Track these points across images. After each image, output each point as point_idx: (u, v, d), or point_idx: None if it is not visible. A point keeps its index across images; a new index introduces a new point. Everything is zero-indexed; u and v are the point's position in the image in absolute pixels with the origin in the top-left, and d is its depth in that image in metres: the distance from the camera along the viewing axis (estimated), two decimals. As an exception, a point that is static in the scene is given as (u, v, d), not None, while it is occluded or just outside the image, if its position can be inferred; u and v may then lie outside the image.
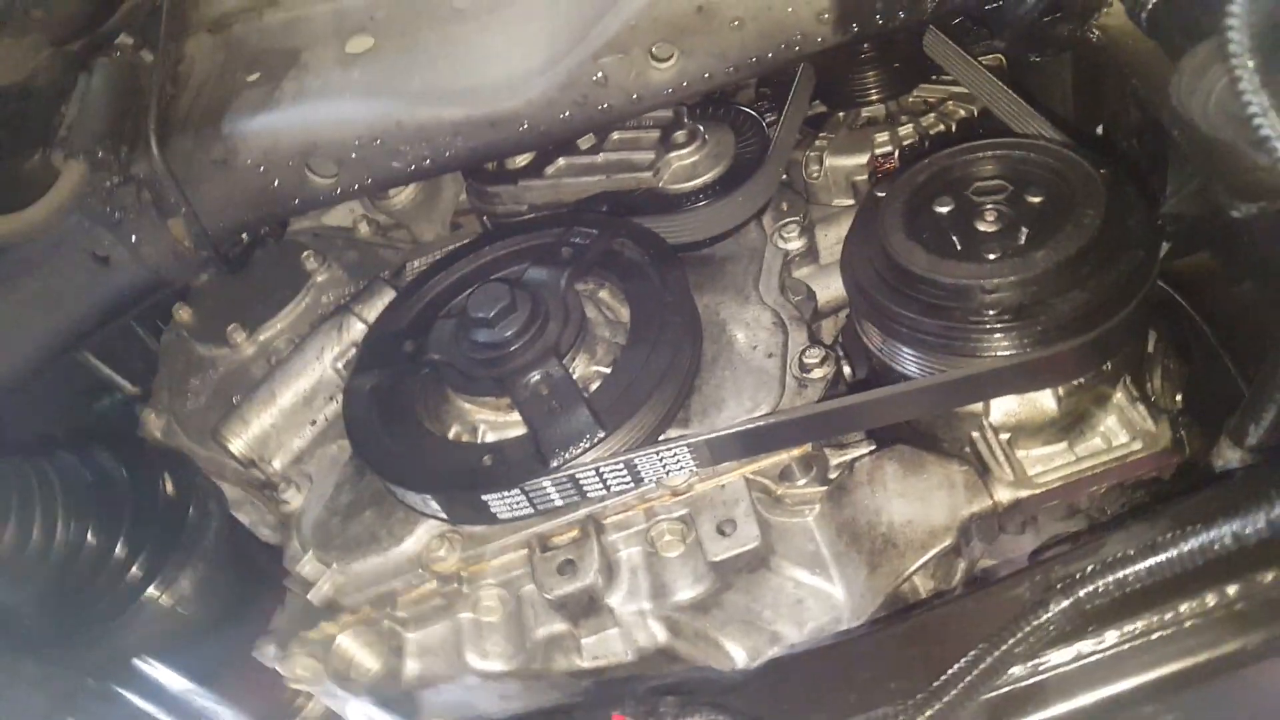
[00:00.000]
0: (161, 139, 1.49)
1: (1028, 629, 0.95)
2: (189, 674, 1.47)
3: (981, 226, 1.31)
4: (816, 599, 1.33)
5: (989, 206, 1.32)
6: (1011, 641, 0.95)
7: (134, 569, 1.37)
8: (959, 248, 1.30)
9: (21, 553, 1.29)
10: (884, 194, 1.38)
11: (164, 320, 2.12)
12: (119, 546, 1.36)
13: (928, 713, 0.91)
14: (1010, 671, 0.97)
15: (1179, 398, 1.36)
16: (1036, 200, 1.31)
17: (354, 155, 1.49)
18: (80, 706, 1.40)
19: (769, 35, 1.44)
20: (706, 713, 1.00)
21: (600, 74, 1.45)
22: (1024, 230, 1.29)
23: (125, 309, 1.68)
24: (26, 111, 1.60)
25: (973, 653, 0.95)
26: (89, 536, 1.33)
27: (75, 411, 1.99)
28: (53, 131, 1.59)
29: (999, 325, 1.23)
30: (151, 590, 1.37)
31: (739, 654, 1.30)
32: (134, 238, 1.54)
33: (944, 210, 1.34)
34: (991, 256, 1.26)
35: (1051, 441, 1.33)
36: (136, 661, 1.42)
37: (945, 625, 1.06)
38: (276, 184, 1.53)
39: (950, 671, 0.93)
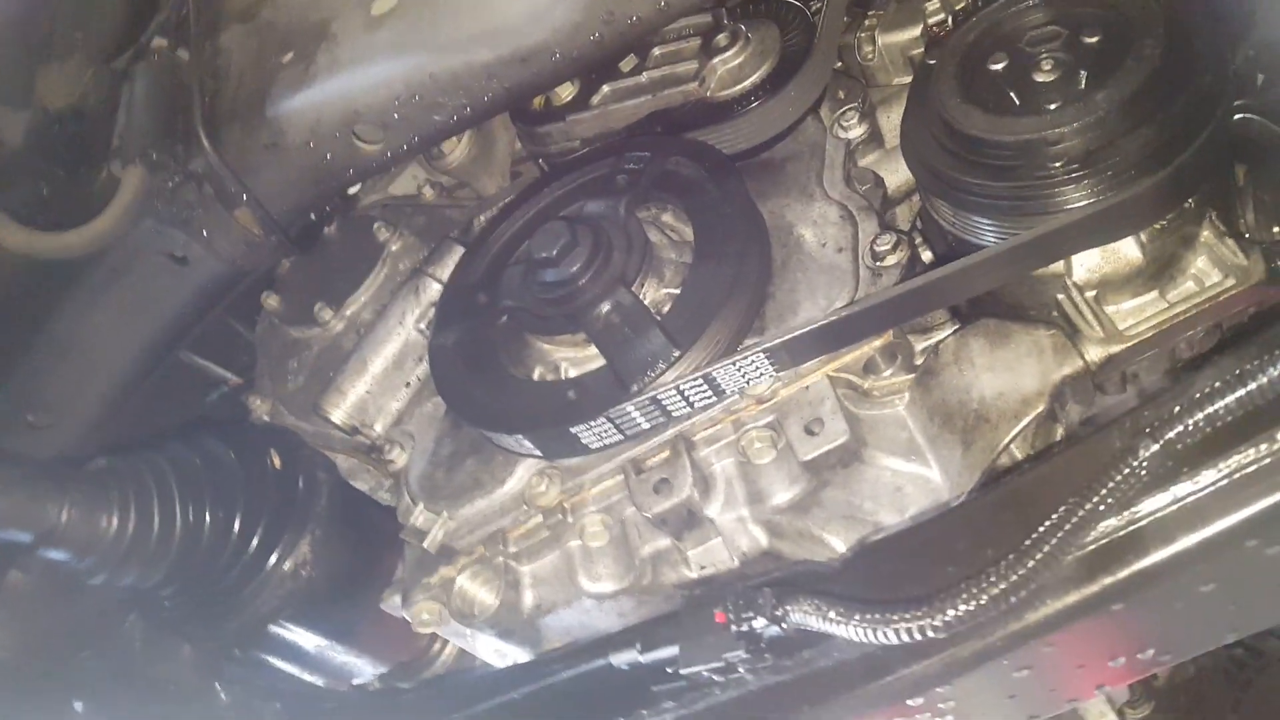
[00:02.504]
0: (211, 132, 1.60)
1: (1118, 478, 0.97)
2: (324, 632, 1.62)
3: (1039, 78, 1.30)
4: (915, 484, 1.37)
5: (1044, 55, 1.31)
6: (1103, 493, 0.97)
7: (254, 541, 1.51)
8: (1018, 103, 1.29)
9: (147, 543, 1.44)
10: (934, 61, 1.38)
11: (256, 310, 2.28)
12: (237, 522, 1.50)
13: (1019, 572, 0.94)
14: (1106, 523, 0.99)
15: (1277, 230, 1.32)
16: (1093, 40, 1.29)
17: (396, 116, 1.57)
18: (228, 674, 1.57)
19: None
20: (803, 599, 1.05)
21: (621, -16, 1.47)
22: (1083, 73, 1.27)
23: (213, 303, 1.82)
24: (83, 132, 1.74)
25: (1062, 508, 0.98)
26: (207, 517, 1.48)
27: (188, 409, 2.16)
28: (110, 146, 1.72)
29: (1069, 176, 1.23)
30: (274, 558, 1.51)
31: (842, 548, 1.35)
32: (205, 232, 1.66)
33: (998, 67, 1.33)
34: (1052, 106, 1.26)
35: (1141, 292, 1.33)
36: (273, 627, 1.57)
37: (1039, 486, 1.08)
38: (328, 157, 1.63)
39: (1039, 530, 0.96)
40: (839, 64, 1.70)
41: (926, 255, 1.49)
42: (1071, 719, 1.40)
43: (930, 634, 0.95)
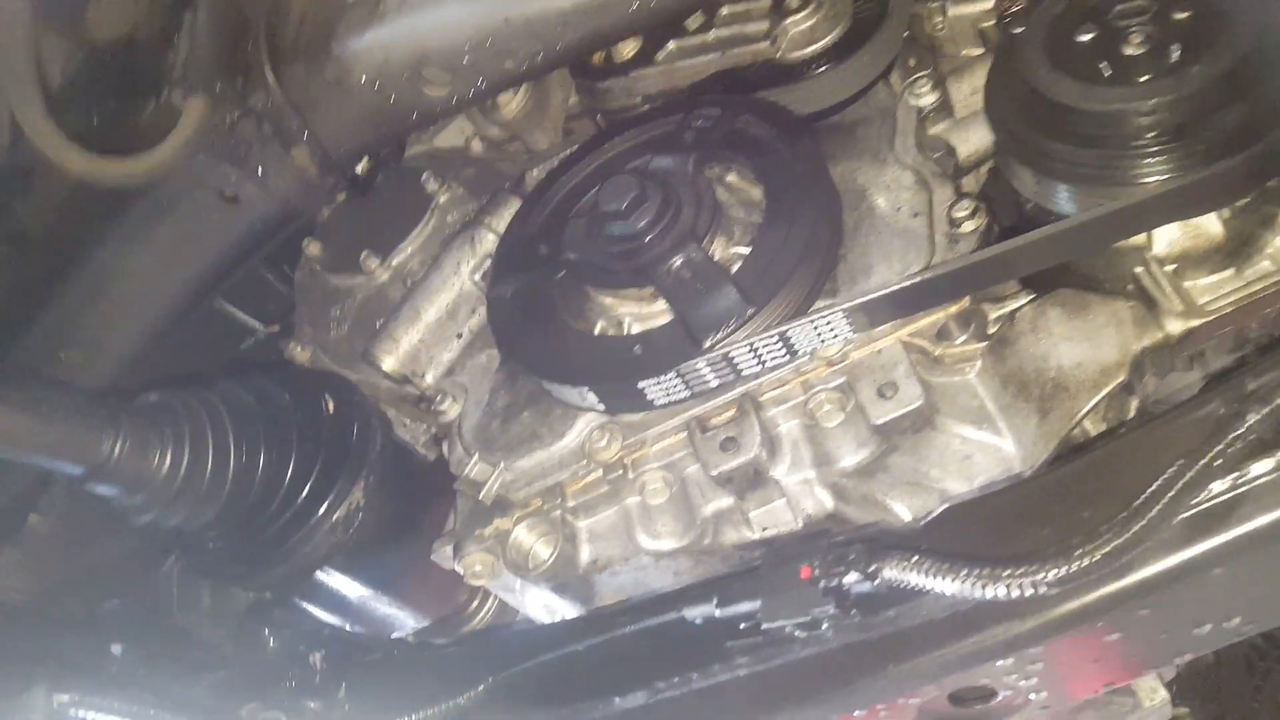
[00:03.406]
0: (275, 66, 1.57)
1: (1228, 440, 0.98)
2: (368, 582, 1.61)
3: (1128, 50, 1.30)
4: (985, 453, 1.37)
5: (1134, 29, 1.31)
6: (1211, 454, 0.98)
7: (308, 485, 1.49)
8: (1108, 74, 1.30)
9: (199, 482, 1.42)
10: (1021, 30, 1.38)
11: (284, 258, 2.25)
12: (291, 465, 1.48)
13: (1133, 529, 0.95)
14: (1209, 487, 1.01)
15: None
16: (1183, 16, 1.30)
17: (465, 60, 1.56)
18: (272, 618, 1.55)
19: None
20: (898, 554, 1.06)
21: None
22: (1175, 47, 1.28)
23: (259, 244, 1.79)
24: (135, 62, 1.70)
25: (1171, 469, 0.99)
26: (261, 458, 1.46)
27: (217, 355, 2.14)
28: (164, 76, 1.69)
29: (1159, 149, 1.24)
30: (327, 504, 1.49)
31: (905, 514, 1.36)
32: (260, 171, 1.64)
33: (1087, 38, 1.34)
34: (1143, 79, 1.27)
35: (1217, 269, 1.34)
36: (318, 574, 1.56)
37: (1135, 451, 1.10)
38: (392, 100, 1.61)
39: (1151, 489, 0.97)
40: (906, 33, 1.70)
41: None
42: (1125, 695, 1.42)
43: (1043, 589, 0.96)
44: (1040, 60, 1.33)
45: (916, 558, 1.05)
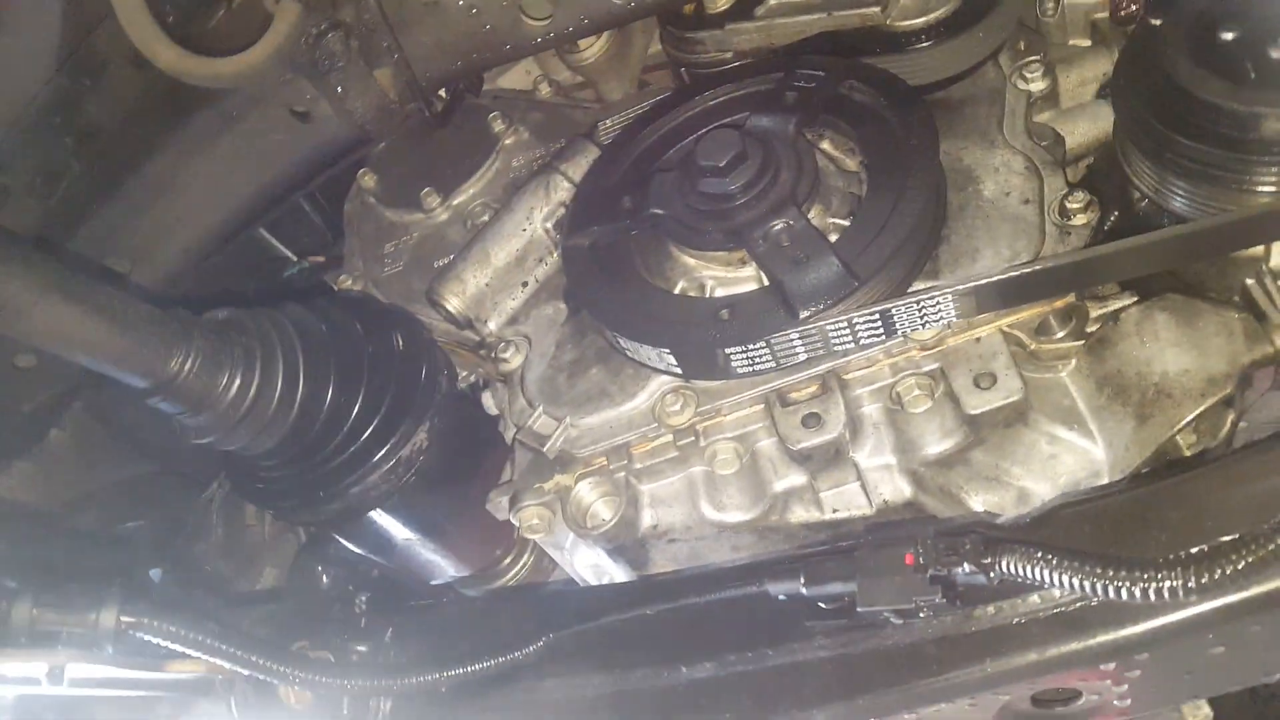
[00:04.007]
0: (372, -23, 1.50)
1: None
2: (416, 527, 1.56)
3: (1277, 54, 1.26)
4: (1072, 454, 1.34)
5: (1283, 32, 1.28)
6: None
7: (375, 421, 1.43)
8: (1253, 75, 1.26)
9: (266, 407, 1.35)
10: (1160, 21, 1.34)
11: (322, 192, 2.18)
12: (360, 398, 1.42)
13: (1277, 542, 0.92)
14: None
15: None
16: (1341, 22, 1.26)
17: (573, -11, 1.49)
18: (327, 555, 1.50)
19: None
20: (1020, 548, 1.02)
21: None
22: (1327, 56, 1.25)
23: (322, 168, 1.73)
24: None
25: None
26: (330, 388, 1.39)
27: (256, 283, 2.07)
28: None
29: (1300, 159, 1.21)
30: (391, 445, 1.44)
31: (980, 509, 1.32)
32: (340, 89, 1.56)
33: (1232, 37, 1.30)
34: (1292, 84, 1.23)
35: (1332, 288, 1.32)
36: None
37: (1266, 465, 1.06)
38: (488, 27, 1.54)
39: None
40: (1018, 14, 1.66)
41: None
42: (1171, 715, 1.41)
43: (1181, 595, 0.93)
44: (1182, 54, 1.29)
45: (1042, 552, 1.01)
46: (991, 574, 1.06)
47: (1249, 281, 1.35)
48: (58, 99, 1.55)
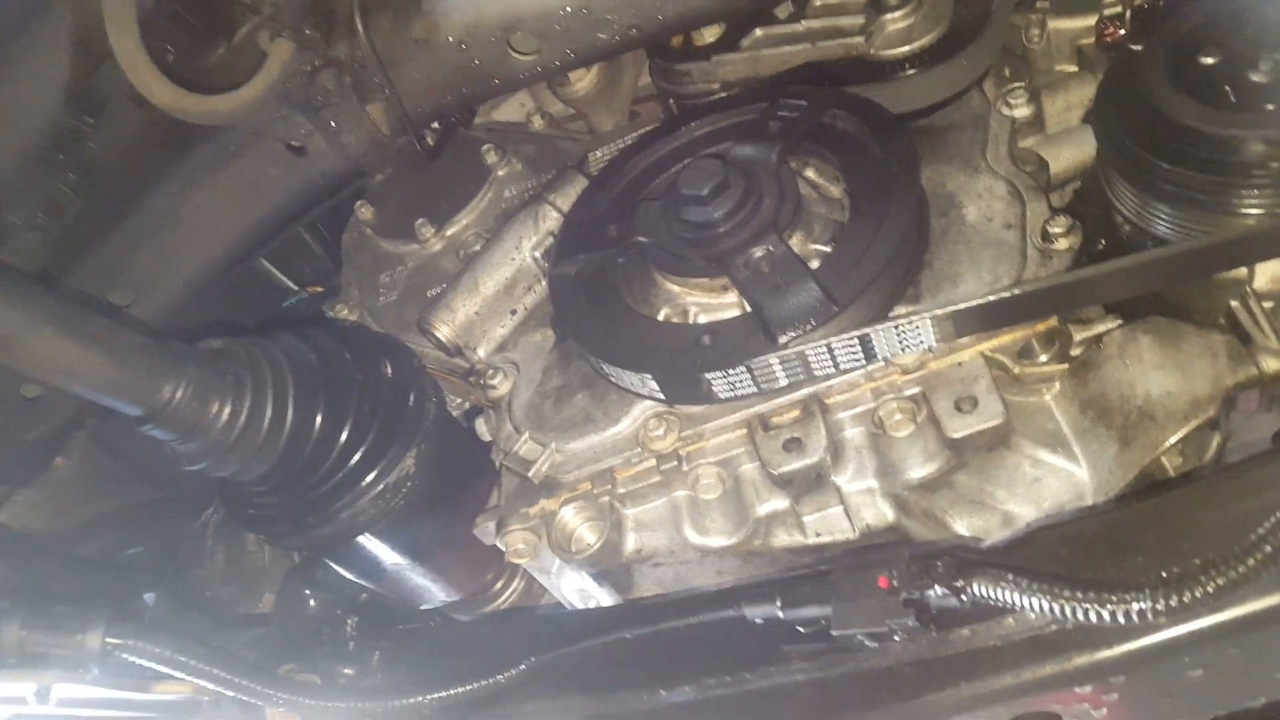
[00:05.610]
0: (364, 17, 1.52)
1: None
2: (405, 551, 1.56)
3: (1255, 77, 1.26)
4: (1056, 477, 1.33)
5: (1262, 56, 1.27)
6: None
7: (363, 447, 1.44)
8: (1233, 99, 1.26)
9: (256, 434, 1.36)
10: (1140, 47, 1.35)
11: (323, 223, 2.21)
12: (348, 425, 1.43)
13: (1248, 564, 0.91)
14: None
15: None
16: (1317, 44, 1.26)
17: (559, 27, 1.51)
18: (314, 579, 1.51)
19: None
20: (992, 571, 1.01)
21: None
22: (1306, 78, 1.24)
23: (318, 201, 1.75)
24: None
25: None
26: (319, 415, 1.41)
27: (257, 314, 2.09)
28: (241, 16, 1.64)
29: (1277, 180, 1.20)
30: (379, 470, 1.45)
31: (965, 533, 1.31)
32: (333, 124, 1.59)
33: (1211, 61, 1.30)
34: (1270, 107, 1.22)
35: (1316, 309, 1.30)
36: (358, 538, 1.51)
37: (1242, 486, 1.05)
38: (477, 63, 1.56)
39: (1267, 525, 0.93)
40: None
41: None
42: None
43: (1151, 618, 0.91)
44: (1162, 79, 1.29)
45: (1012, 575, 1.00)
46: (963, 597, 1.04)
47: (1233, 303, 1.33)
48: (60, 136, 1.59)
